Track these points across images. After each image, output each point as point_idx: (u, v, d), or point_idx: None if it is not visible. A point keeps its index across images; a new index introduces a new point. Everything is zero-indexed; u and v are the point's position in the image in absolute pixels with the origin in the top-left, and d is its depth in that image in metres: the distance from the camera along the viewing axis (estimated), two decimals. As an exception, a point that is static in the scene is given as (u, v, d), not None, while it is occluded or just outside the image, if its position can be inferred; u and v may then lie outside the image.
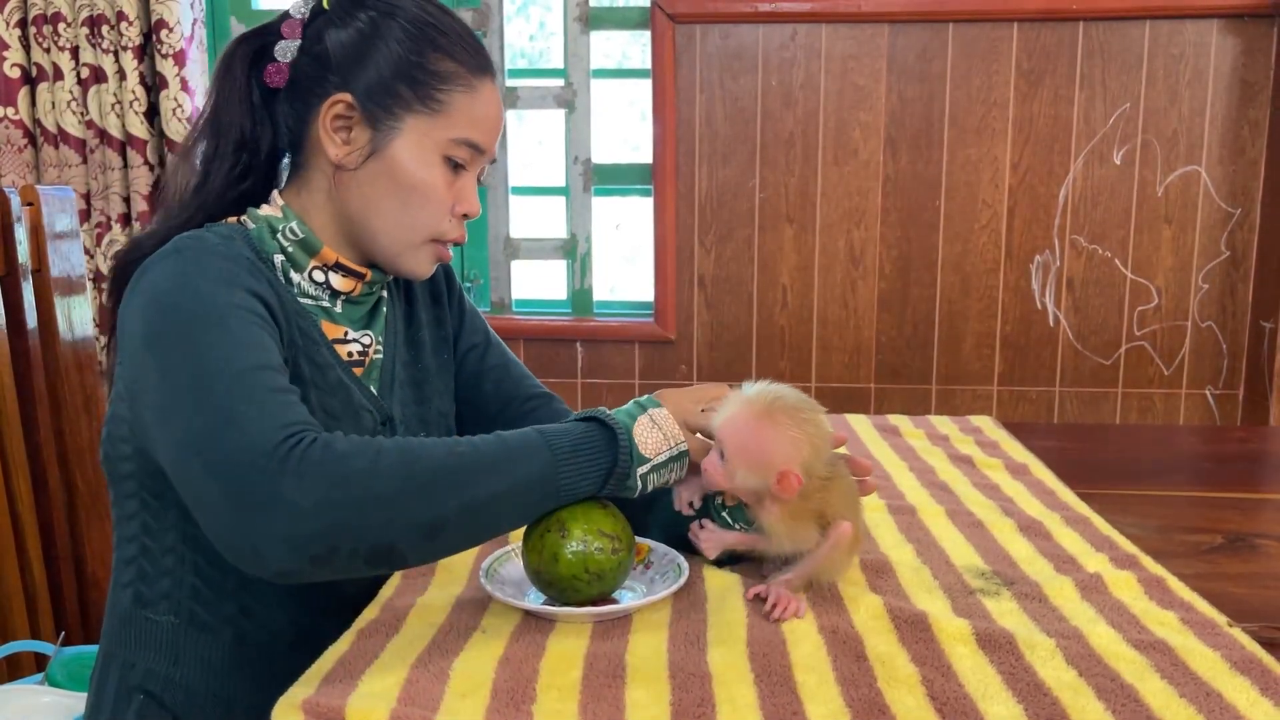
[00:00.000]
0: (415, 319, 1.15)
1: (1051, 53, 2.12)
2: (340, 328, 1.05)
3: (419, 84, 0.98)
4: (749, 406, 0.88)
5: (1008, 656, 0.79)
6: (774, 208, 2.21)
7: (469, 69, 1.00)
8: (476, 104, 1.00)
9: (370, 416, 1.04)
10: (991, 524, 1.10)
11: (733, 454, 0.88)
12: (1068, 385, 2.22)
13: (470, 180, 1.03)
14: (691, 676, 0.77)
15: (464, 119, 0.99)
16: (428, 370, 1.14)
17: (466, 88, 0.99)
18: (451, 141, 0.99)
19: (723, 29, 2.16)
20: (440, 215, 1.01)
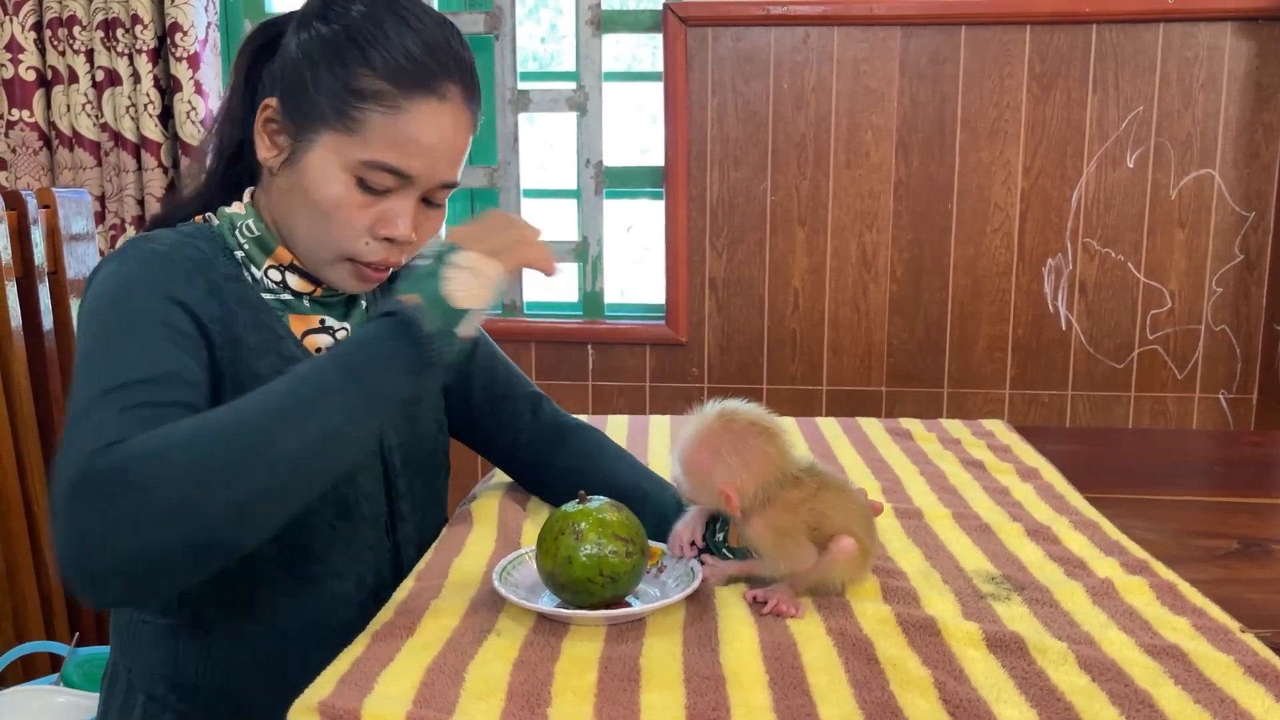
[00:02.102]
0: None
1: (1064, 55, 2.12)
2: (312, 318, 1.04)
3: (337, 98, 0.94)
4: (699, 429, 0.93)
5: (1019, 660, 0.79)
6: (785, 210, 2.21)
7: (400, 88, 0.93)
8: (400, 126, 0.93)
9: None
10: (999, 528, 1.10)
11: (681, 474, 0.94)
12: (1080, 389, 2.22)
13: (400, 203, 0.97)
14: (706, 679, 0.77)
15: (381, 141, 0.93)
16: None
17: (390, 108, 0.93)
18: (363, 164, 0.94)
19: (735, 32, 2.16)
20: (349, 236, 0.97)
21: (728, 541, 0.96)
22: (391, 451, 1.08)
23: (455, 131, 0.97)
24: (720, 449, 0.91)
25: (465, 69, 0.99)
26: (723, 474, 0.91)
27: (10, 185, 2.28)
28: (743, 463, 0.91)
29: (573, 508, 0.91)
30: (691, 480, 0.93)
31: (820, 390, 2.27)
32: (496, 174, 2.27)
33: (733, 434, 0.92)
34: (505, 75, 2.23)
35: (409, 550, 1.10)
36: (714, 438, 0.92)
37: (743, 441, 0.91)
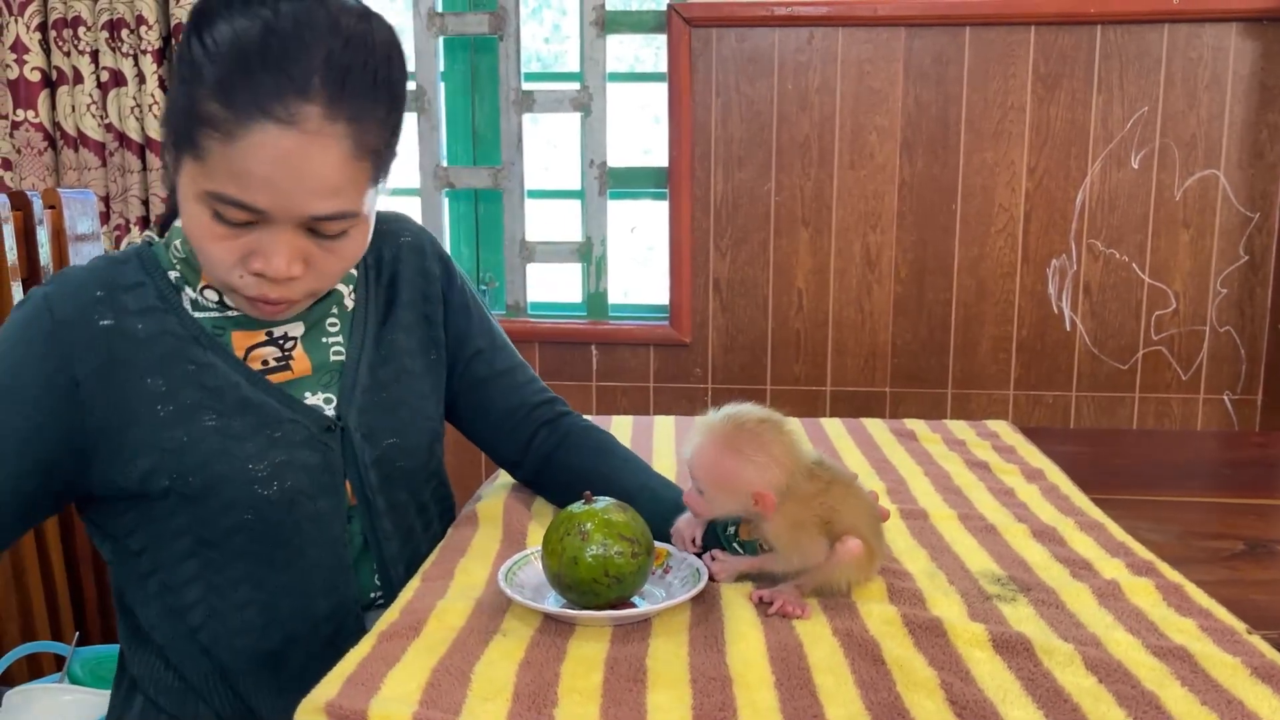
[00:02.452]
0: (393, 319, 1.09)
1: (1069, 56, 2.12)
2: (255, 334, 0.99)
3: (185, 120, 0.86)
4: (711, 437, 0.91)
5: (1026, 662, 0.79)
6: (789, 211, 2.21)
7: (234, 113, 0.83)
8: (234, 156, 0.83)
9: (300, 427, 0.99)
10: (1004, 529, 1.10)
11: (706, 485, 0.91)
12: (1084, 390, 2.21)
13: (267, 237, 0.88)
14: (712, 680, 0.77)
15: (221, 171, 0.84)
16: (405, 373, 1.08)
17: (224, 136, 0.83)
18: (209, 195, 0.86)
19: (739, 32, 2.16)
20: (220, 269, 0.90)
21: (739, 536, 0.96)
22: (367, 469, 1.03)
23: (306, 159, 0.84)
24: (742, 449, 0.90)
25: (332, 81, 0.84)
26: (752, 475, 0.89)
27: (15, 186, 2.29)
28: (770, 459, 0.89)
29: (578, 508, 0.91)
30: (717, 489, 0.91)
31: (824, 391, 2.27)
32: (501, 174, 2.27)
33: (749, 432, 0.91)
34: (509, 76, 2.23)
35: (397, 569, 1.06)
36: (732, 440, 0.90)
37: (763, 438, 0.90)
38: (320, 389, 1.02)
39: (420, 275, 1.12)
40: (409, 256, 1.12)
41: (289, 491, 0.96)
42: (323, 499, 0.99)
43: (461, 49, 2.33)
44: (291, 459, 0.97)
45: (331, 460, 1.00)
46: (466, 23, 2.23)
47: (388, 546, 1.05)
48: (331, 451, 1.00)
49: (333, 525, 1.00)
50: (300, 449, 0.98)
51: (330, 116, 0.84)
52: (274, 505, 0.96)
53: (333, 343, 1.04)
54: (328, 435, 1.00)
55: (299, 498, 0.97)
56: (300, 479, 0.97)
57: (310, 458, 0.98)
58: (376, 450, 1.03)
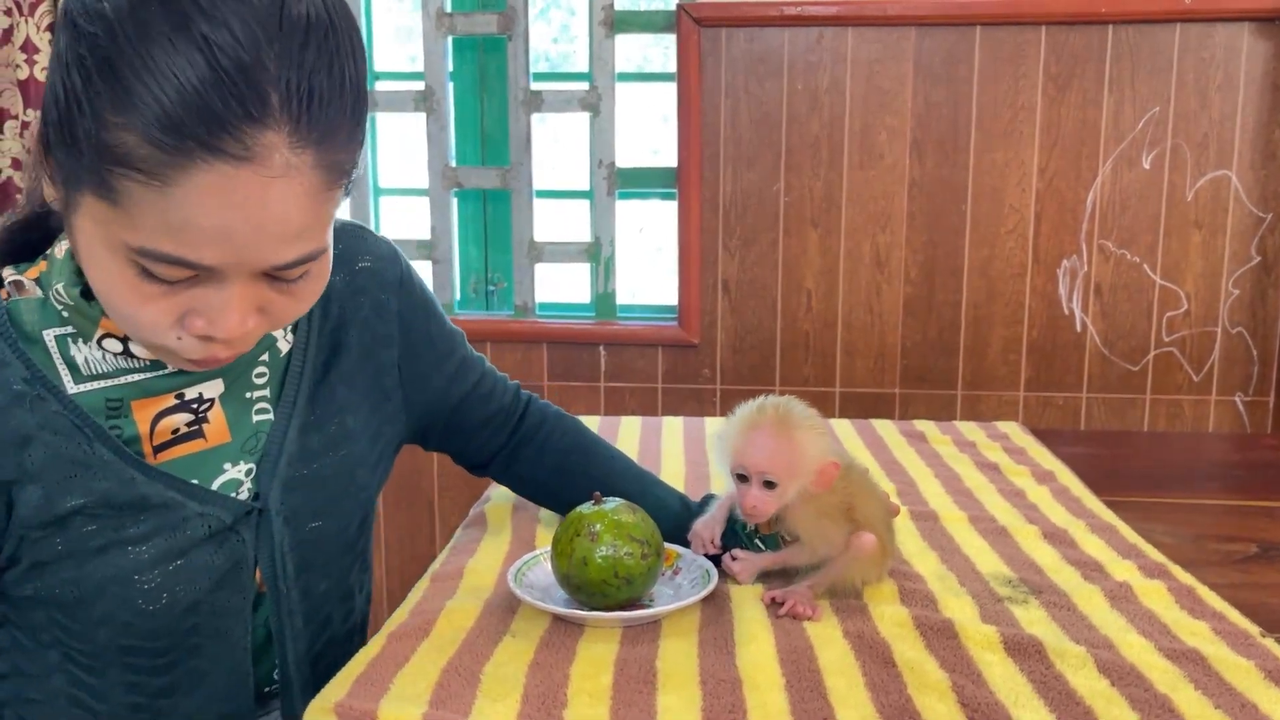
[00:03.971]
0: (337, 368, 0.91)
1: (1080, 56, 2.11)
2: (164, 397, 0.81)
3: (90, 150, 0.64)
4: (767, 427, 0.90)
5: (1038, 665, 0.79)
6: (798, 211, 2.20)
7: (167, 154, 0.62)
8: (169, 206, 0.64)
9: (209, 520, 0.82)
10: (1015, 531, 1.09)
11: (781, 474, 0.89)
12: (1095, 391, 2.21)
13: (212, 294, 0.70)
14: (722, 682, 0.77)
15: (150, 223, 0.65)
16: (344, 437, 0.91)
17: (153, 182, 0.63)
18: (135, 251, 0.66)
19: (748, 32, 2.16)
20: (150, 331, 0.72)
21: (758, 531, 0.96)
22: (284, 556, 0.87)
23: (268, 203, 0.65)
24: (801, 425, 0.90)
25: (296, 93, 0.64)
26: (819, 446, 0.90)
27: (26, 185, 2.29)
28: (820, 426, 0.91)
29: (588, 509, 0.91)
30: (790, 473, 0.89)
31: (833, 392, 2.26)
32: (509, 174, 2.27)
33: (799, 413, 0.92)
34: (518, 76, 2.23)
35: (303, 667, 0.91)
36: (788, 422, 0.91)
37: (809, 413, 0.92)
38: (240, 458, 0.85)
39: (374, 312, 0.94)
40: (365, 286, 0.94)
41: (181, 600, 0.82)
42: (224, 599, 0.84)
43: (470, 49, 2.33)
44: (189, 563, 0.81)
45: (241, 554, 0.84)
46: (475, 22, 2.23)
47: (296, 642, 0.90)
48: (242, 543, 0.84)
49: (233, 628, 0.86)
50: (202, 548, 0.82)
51: (296, 144, 0.65)
52: (161, 618, 0.81)
53: (258, 398, 0.87)
54: (243, 522, 0.84)
55: (195, 604, 0.83)
56: (199, 584, 0.82)
57: (214, 557, 0.83)
58: (297, 535, 0.88)
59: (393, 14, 2.38)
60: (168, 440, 0.82)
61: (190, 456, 0.83)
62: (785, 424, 0.90)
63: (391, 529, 2.38)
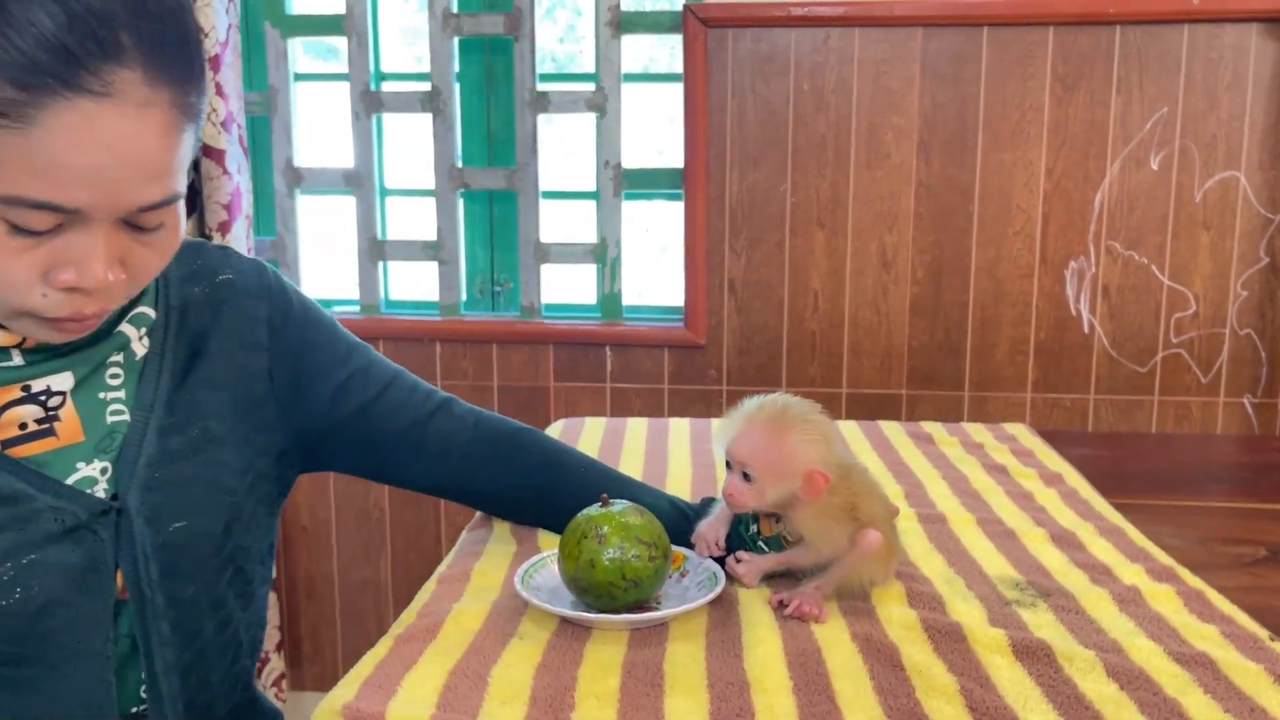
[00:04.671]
0: (196, 374, 0.90)
1: (1088, 56, 2.10)
2: (10, 388, 0.81)
3: None
4: (760, 421, 0.91)
5: (1046, 668, 0.78)
6: (805, 212, 2.20)
7: (29, 92, 0.66)
8: (34, 147, 0.67)
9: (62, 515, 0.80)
10: (1023, 533, 1.09)
11: (759, 470, 0.89)
12: (1102, 393, 2.20)
13: (78, 239, 0.71)
14: (730, 685, 0.77)
15: (15, 169, 0.67)
16: (207, 440, 0.89)
17: (17, 123, 0.66)
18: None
19: (755, 33, 2.16)
20: (13, 291, 0.73)
21: (760, 534, 0.96)
22: (146, 559, 0.84)
23: (132, 138, 0.70)
24: (794, 426, 0.90)
25: (147, 36, 0.69)
26: (808, 452, 0.89)
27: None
28: (821, 434, 0.90)
29: (595, 511, 0.91)
30: (770, 472, 0.89)
31: (840, 393, 2.26)
32: (515, 175, 2.27)
33: (797, 413, 0.91)
34: (524, 76, 2.23)
35: (170, 679, 0.87)
36: (781, 420, 0.90)
37: (809, 417, 0.91)
38: (95, 457, 0.84)
39: (239, 319, 0.94)
40: (226, 296, 0.94)
41: (36, 598, 0.78)
42: (83, 602, 0.81)
43: (477, 49, 2.33)
44: (43, 558, 0.79)
45: (98, 554, 0.82)
46: (482, 23, 2.23)
47: (162, 652, 0.86)
48: (100, 542, 0.82)
49: (93, 636, 0.82)
50: (57, 545, 0.80)
51: (150, 81, 0.70)
52: (15, 617, 0.78)
53: (112, 399, 0.86)
54: (100, 521, 0.82)
55: (51, 605, 0.79)
56: (54, 582, 0.79)
57: (70, 554, 0.80)
58: (160, 536, 0.84)
59: (399, 15, 2.38)
60: (16, 436, 0.81)
61: (42, 454, 0.82)
62: (778, 424, 0.90)
63: (397, 529, 2.39)
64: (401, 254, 2.31)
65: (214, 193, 2.10)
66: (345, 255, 2.33)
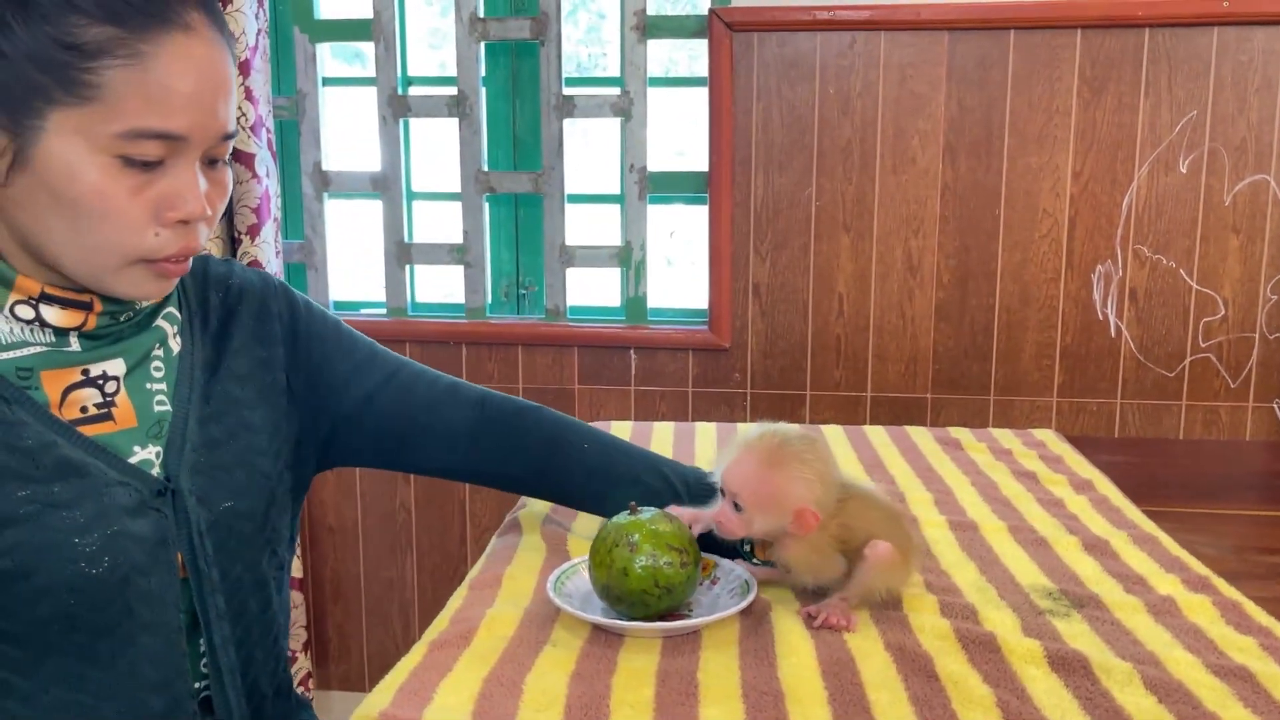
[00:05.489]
0: (224, 369, 0.95)
1: (1116, 60, 2.09)
2: (72, 370, 0.85)
3: (56, 65, 0.75)
4: (755, 453, 0.89)
5: (1083, 680, 0.78)
6: (830, 216, 2.20)
7: (130, 28, 0.75)
8: (151, 76, 0.76)
9: (130, 491, 0.85)
10: (1055, 542, 1.09)
11: (748, 503, 0.89)
12: (1129, 397, 2.19)
13: (182, 173, 0.80)
14: (764, 695, 0.77)
15: (134, 103, 0.76)
16: (242, 428, 0.95)
17: (129, 58, 0.75)
18: (119, 137, 0.76)
19: (780, 37, 2.15)
20: (132, 232, 0.79)
21: (754, 554, 0.96)
22: (201, 537, 0.89)
23: (215, 67, 0.80)
24: (788, 465, 0.88)
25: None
26: (800, 491, 0.88)
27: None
28: (815, 475, 0.88)
29: (624, 519, 0.91)
30: (759, 507, 0.88)
31: (865, 397, 2.25)
32: (541, 179, 2.27)
33: (794, 450, 0.89)
34: (551, 81, 2.23)
35: (228, 652, 0.91)
36: (776, 456, 0.89)
37: (806, 455, 0.89)
38: (148, 442, 0.89)
39: (254, 318, 0.99)
40: (240, 299, 0.99)
41: (121, 568, 0.83)
42: (156, 575, 0.86)
43: (503, 54, 2.34)
44: (123, 529, 0.83)
45: (165, 529, 0.86)
46: (508, 28, 2.24)
47: (220, 627, 0.91)
48: (164, 519, 0.86)
49: (166, 607, 0.87)
50: (132, 517, 0.84)
51: (211, 23, 0.81)
52: (104, 585, 0.82)
53: (156, 390, 0.91)
54: (160, 500, 0.86)
55: (132, 575, 0.83)
56: (134, 553, 0.84)
57: (143, 527, 0.85)
58: (212, 515, 0.90)
59: (425, 19, 2.39)
60: (79, 418, 0.85)
61: (102, 436, 0.86)
62: (773, 459, 0.88)
63: (423, 529, 2.40)
64: (428, 257, 2.32)
65: (243, 196, 2.11)
66: (372, 258, 2.34)
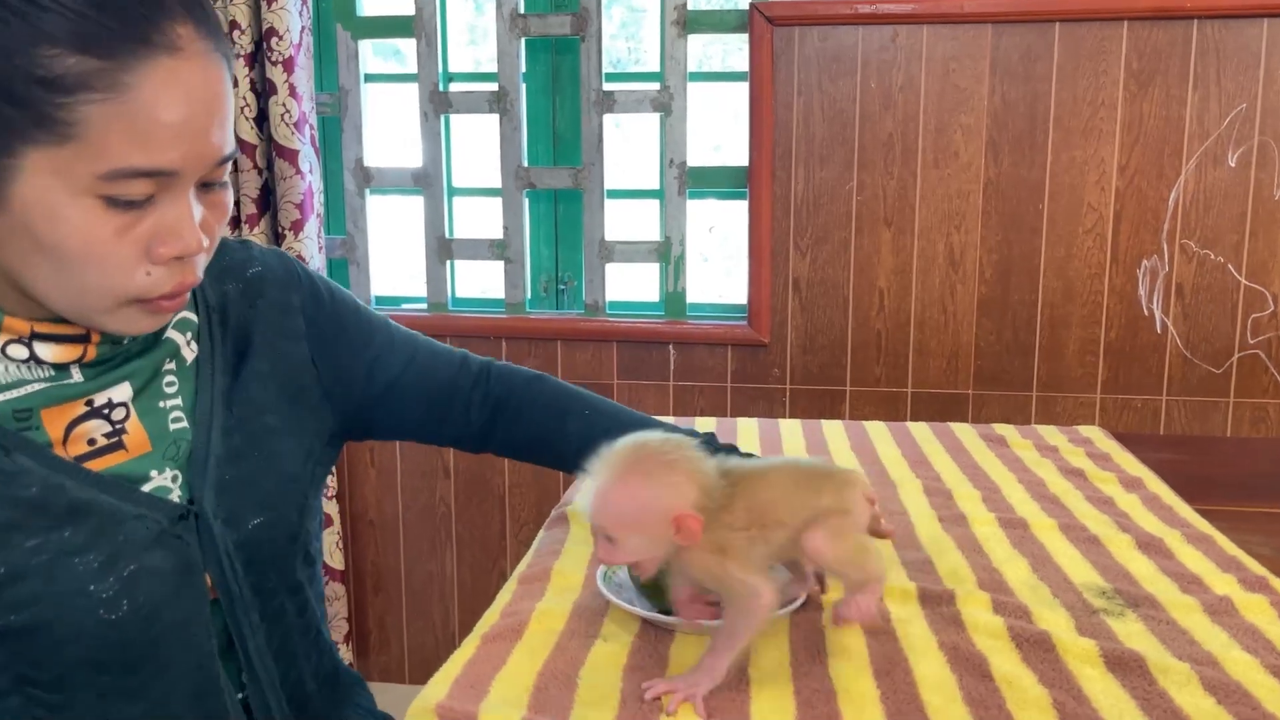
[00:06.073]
0: (247, 369, 0.91)
1: (1163, 52, 2.06)
2: (75, 404, 0.80)
3: (27, 101, 0.66)
4: (610, 474, 0.78)
5: (1140, 681, 0.77)
6: (871, 210, 2.19)
7: (108, 57, 0.66)
8: (135, 109, 0.68)
9: (147, 523, 0.80)
10: (1108, 540, 1.07)
11: (616, 529, 0.77)
12: (1175, 394, 2.16)
13: (174, 207, 0.73)
14: (816, 691, 0.77)
15: (117, 140, 0.68)
16: (267, 433, 0.91)
17: (109, 91, 0.67)
18: (102, 179, 0.68)
19: (821, 31, 2.14)
20: (121, 274, 0.72)
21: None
22: (230, 557, 0.86)
23: (207, 87, 0.71)
24: (651, 472, 0.77)
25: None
26: (670, 497, 0.76)
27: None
28: (684, 474, 0.77)
29: None
30: (627, 528, 0.77)
31: (905, 393, 2.24)
32: (581, 175, 2.28)
33: (650, 454, 0.78)
34: (590, 76, 2.24)
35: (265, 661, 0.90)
36: (633, 468, 0.77)
37: (668, 456, 0.78)
38: (165, 465, 0.84)
39: (275, 310, 0.95)
40: (260, 289, 0.95)
41: (143, 607, 0.79)
42: (183, 603, 0.82)
43: (543, 50, 2.34)
44: (141, 566, 0.79)
45: (189, 556, 0.83)
46: (549, 24, 2.25)
47: (254, 639, 0.89)
48: (188, 546, 0.83)
49: (196, 632, 0.84)
50: (150, 551, 0.80)
51: (201, 34, 0.72)
52: (126, 627, 0.79)
53: (172, 407, 0.86)
54: (181, 526, 0.82)
55: (156, 610, 0.80)
56: (155, 588, 0.80)
57: (164, 560, 0.81)
58: (240, 534, 0.86)
59: (465, 16, 2.40)
60: (87, 452, 0.80)
61: (114, 468, 0.81)
62: (628, 474, 0.77)
63: (462, 523, 2.41)
64: (468, 252, 2.33)
65: (287, 192, 2.14)
66: (414, 254, 2.36)
